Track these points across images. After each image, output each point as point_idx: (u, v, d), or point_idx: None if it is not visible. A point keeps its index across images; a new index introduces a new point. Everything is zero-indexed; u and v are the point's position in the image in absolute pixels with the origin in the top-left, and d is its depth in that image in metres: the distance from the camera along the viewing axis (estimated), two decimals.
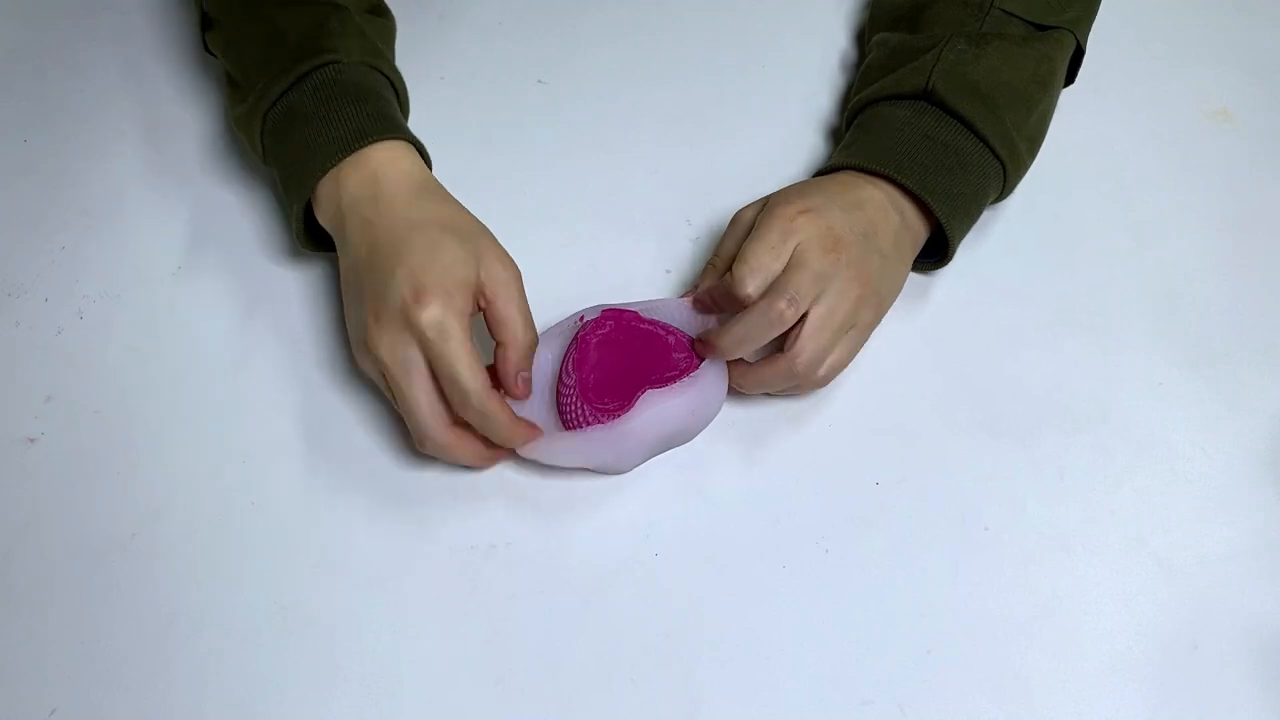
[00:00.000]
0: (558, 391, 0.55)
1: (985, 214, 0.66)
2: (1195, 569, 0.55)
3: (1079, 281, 0.65)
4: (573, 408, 0.54)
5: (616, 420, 0.52)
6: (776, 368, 0.54)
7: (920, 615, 0.53)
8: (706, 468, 0.57)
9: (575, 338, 0.56)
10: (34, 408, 0.58)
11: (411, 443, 0.57)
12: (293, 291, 0.62)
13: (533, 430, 0.53)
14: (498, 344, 0.53)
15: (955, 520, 0.56)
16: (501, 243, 0.55)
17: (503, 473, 0.57)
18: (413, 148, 0.58)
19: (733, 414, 0.58)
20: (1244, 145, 0.71)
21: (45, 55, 0.71)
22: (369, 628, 0.52)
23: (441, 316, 0.50)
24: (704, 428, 0.56)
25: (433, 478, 0.56)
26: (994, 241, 0.66)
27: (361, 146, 0.55)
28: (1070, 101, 0.72)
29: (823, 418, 0.59)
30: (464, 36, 0.71)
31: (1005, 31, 0.61)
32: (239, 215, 0.65)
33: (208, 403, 0.58)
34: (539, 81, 0.71)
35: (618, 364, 0.55)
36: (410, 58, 0.67)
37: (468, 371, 0.50)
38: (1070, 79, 0.66)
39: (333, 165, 0.55)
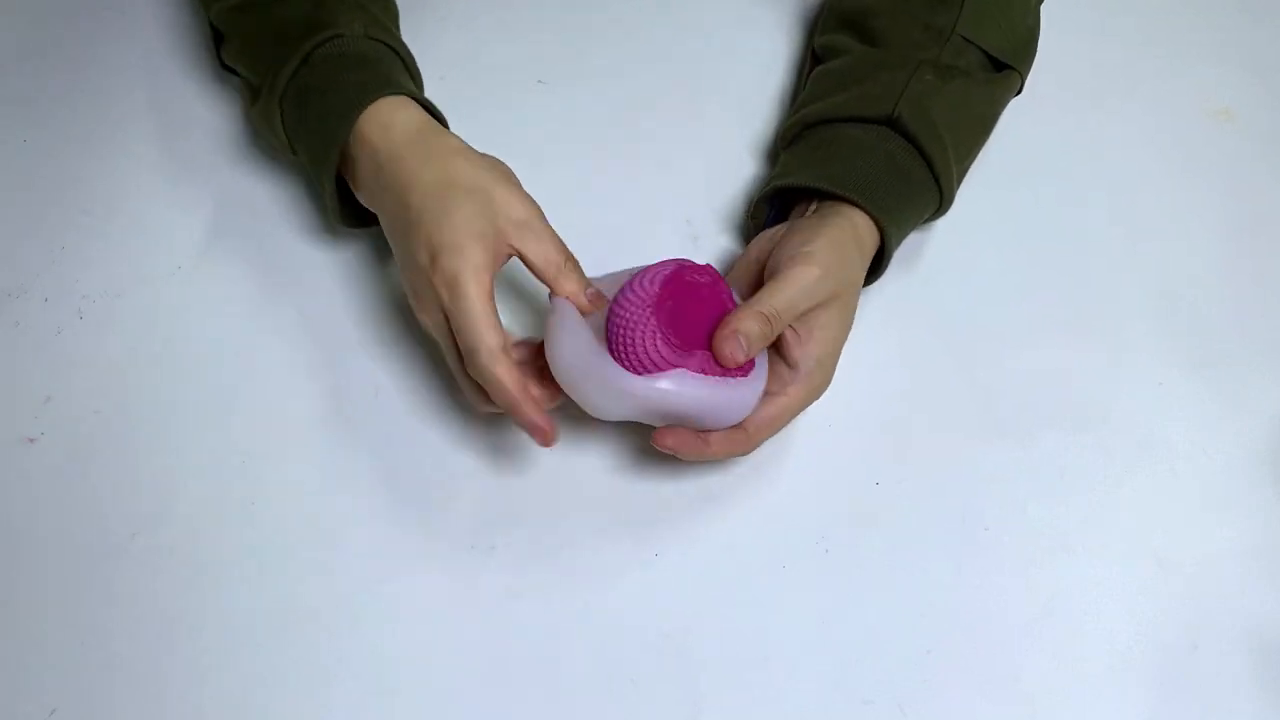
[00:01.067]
0: (618, 303, 0.51)
1: (987, 213, 0.66)
2: (1195, 569, 0.55)
3: (1079, 281, 0.65)
4: (636, 324, 0.50)
5: (648, 376, 0.50)
6: (734, 443, 0.52)
7: (920, 615, 0.53)
8: (706, 468, 0.57)
9: (673, 266, 0.52)
10: (34, 408, 0.58)
11: (410, 444, 0.57)
12: (293, 291, 0.62)
13: (538, 412, 0.50)
14: (547, 283, 0.53)
15: (955, 520, 0.56)
16: None
17: (503, 473, 0.57)
18: (409, 99, 0.57)
19: None
20: (1245, 145, 0.71)
21: (45, 55, 0.71)
22: (369, 628, 0.52)
23: (453, 273, 0.50)
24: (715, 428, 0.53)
25: (433, 478, 0.56)
26: (994, 241, 0.66)
27: (362, 109, 0.55)
28: (1071, 101, 0.72)
29: (823, 418, 0.59)
30: (464, 36, 0.71)
31: (966, 67, 0.61)
32: (239, 215, 0.65)
33: (208, 403, 0.58)
34: (539, 81, 0.71)
35: (692, 312, 0.51)
36: None
37: (473, 327, 0.50)
38: None
39: (344, 134, 0.55)
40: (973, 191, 0.67)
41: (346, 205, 0.59)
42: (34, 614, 0.52)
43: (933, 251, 0.65)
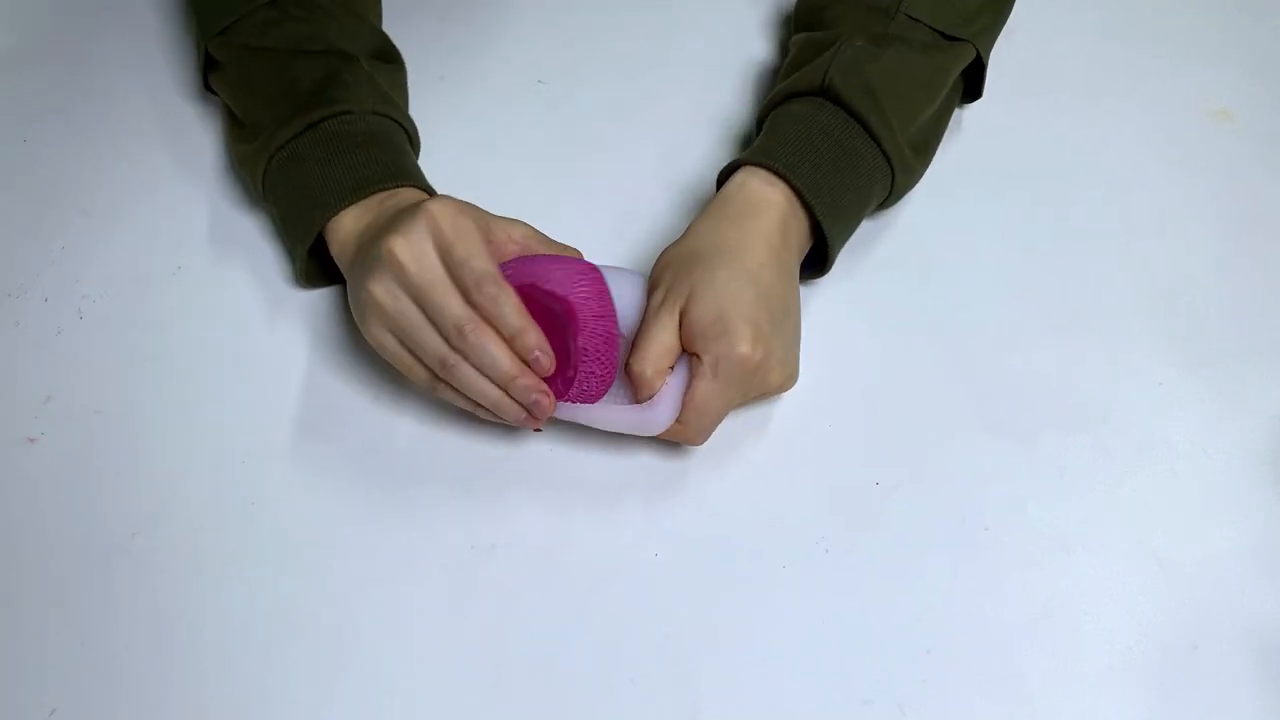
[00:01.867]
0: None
1: (986, 214, 0.66)
2: (1195, 569, 0.55)
3: (1078, 281, 0.65)
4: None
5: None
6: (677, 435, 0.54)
7: (920, 615, 0.53)
8: (706, 468, 0.57)
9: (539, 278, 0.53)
10: (34, 408, 0.58)
11: (409, 445, 0.57)
12: (292, 291, 0.62)
13: (543, 341, 0.50)
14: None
15: (955, 520, 0.56)
16: None
17: (503, 473, 0.57)
18: (420, 193, 0.58)
19: (731, 414, 0.58)
20: (1244, 145, 0.71)
21: (45, 55, 0.71)
22: (369, 628, 0.52)
23: (455, 206, 0.51)
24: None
25: (433, 478, 0.56)
26: (994, 241, 0.66)
27: (370, 193, 0.56)
28: (1071, 101, 0.72)
29: (823, 418, 0.59)
30: (464, 36, 0.71)
31: (908, 37, 0.61)
32: (239, 215, 0.65)
33: (208, 403, 0.58)
34: (539, 81, 0.71)
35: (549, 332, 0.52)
36: (410, 58, 0.66)
37: (479, 252, 0.50)
38: (978, 93, 0.66)
39: (340, 208, 0.56)
40: (971, 191, 0.67)
41: (314, 265, 0.60)
42: (34, 614, 0.52)
43: (932, 251, 0.65)
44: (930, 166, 0.64)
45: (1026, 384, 0.60)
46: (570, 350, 0.52)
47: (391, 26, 0.68)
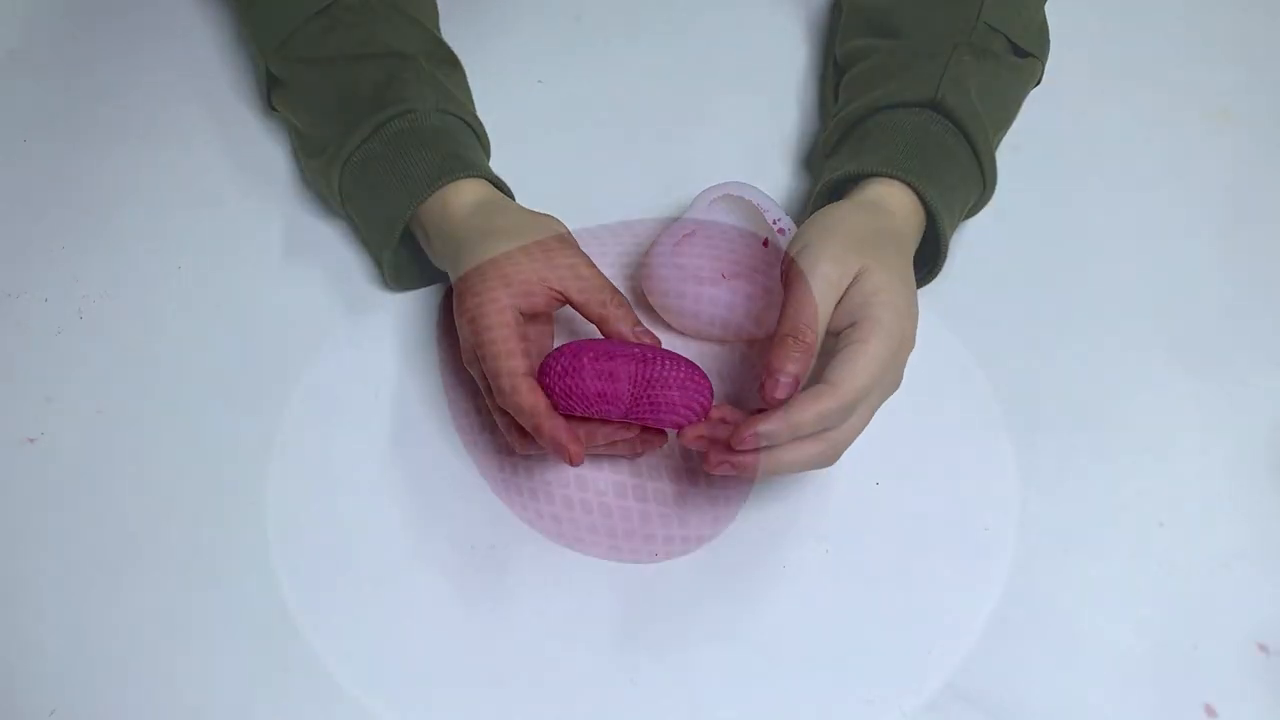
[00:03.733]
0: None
1: (986, 213, 0.66)
2: (1195, 569, 0.55)
3: (1079, 281, 0.65)
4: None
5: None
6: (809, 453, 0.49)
7: (920, 615, 0.53)
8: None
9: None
10: (34, 408, 0.58)
11: (410, 445, 0.58)
12: (292, 291, 0.62)
13: (564, 430, 0.49)
14: (595, 323, 0.53)
15: (955, 520, 0.56)
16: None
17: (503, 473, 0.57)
18: (488, 183, 0.58)
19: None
20: (1244, 145, 0.71)
21: (45, 55, 0.71)
22: (369, 627, 0.52)
23: (476, 307, 0.51)
24: None
25: (433, 478, 0.56)
26: (994, 241, 0.66)
27: (439, 186, 0.56)
28: (1071, 101, 0.72)
29: None
30: (464, 37, 0.71)
31: (995, 50, 0.61)
32: (238, 215, 0.65)
33: (208, 402, 0.58)
34: (539, 81, 0.71)
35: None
36: None
37: (494, 355, 0.50)
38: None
39: (411, 209, 0.56)
40: None
41: (403, 269, 0.60)
42: (34, 614, 0.52)
43: None
44: None
45: (1027, 384, 0.61)
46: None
47: None
